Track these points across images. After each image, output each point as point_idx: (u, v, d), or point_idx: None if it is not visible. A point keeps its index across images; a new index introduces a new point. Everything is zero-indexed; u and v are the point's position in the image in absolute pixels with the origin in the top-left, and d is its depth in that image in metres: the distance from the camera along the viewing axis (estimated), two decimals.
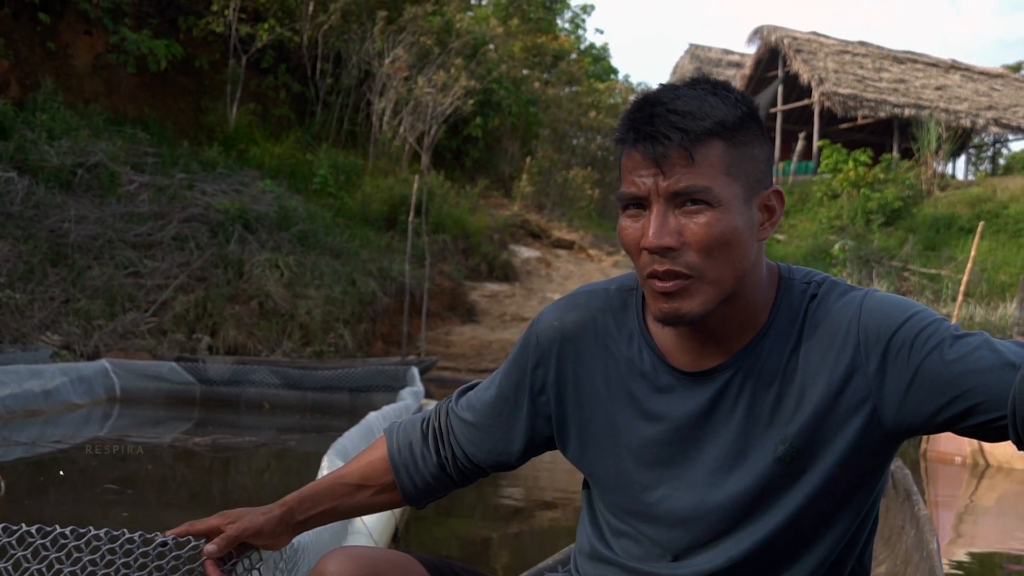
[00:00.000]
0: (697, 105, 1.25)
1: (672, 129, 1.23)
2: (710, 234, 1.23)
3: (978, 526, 6.15)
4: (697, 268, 1.24)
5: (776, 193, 1.31)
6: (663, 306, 1.26)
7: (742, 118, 1.27)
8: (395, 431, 1.56)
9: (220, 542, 1.38)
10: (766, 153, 1.31)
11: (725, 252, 1.24)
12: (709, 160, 1.24)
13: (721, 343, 1.33)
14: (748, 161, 1.27)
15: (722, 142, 1.25)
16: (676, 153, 1.23)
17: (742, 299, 1.30)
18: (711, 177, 1.24)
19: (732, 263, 1.26)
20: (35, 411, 7.93)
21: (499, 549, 4.63)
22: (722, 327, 1.32)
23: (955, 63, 28.25)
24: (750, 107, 1.29)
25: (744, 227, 1.26)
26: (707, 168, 1.24)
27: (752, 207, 1.28)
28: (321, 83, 18.83)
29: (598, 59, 28.84)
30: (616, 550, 1.41)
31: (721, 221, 1.23)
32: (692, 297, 1.25)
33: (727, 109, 1.26)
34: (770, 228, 1.31)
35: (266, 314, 12.93)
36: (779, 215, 1.32)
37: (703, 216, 1.23)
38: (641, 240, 1.26)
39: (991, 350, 1.22)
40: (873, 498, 1.37)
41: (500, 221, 18.40)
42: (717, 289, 1.26)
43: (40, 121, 13.98)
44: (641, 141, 1.25)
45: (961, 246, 19.14)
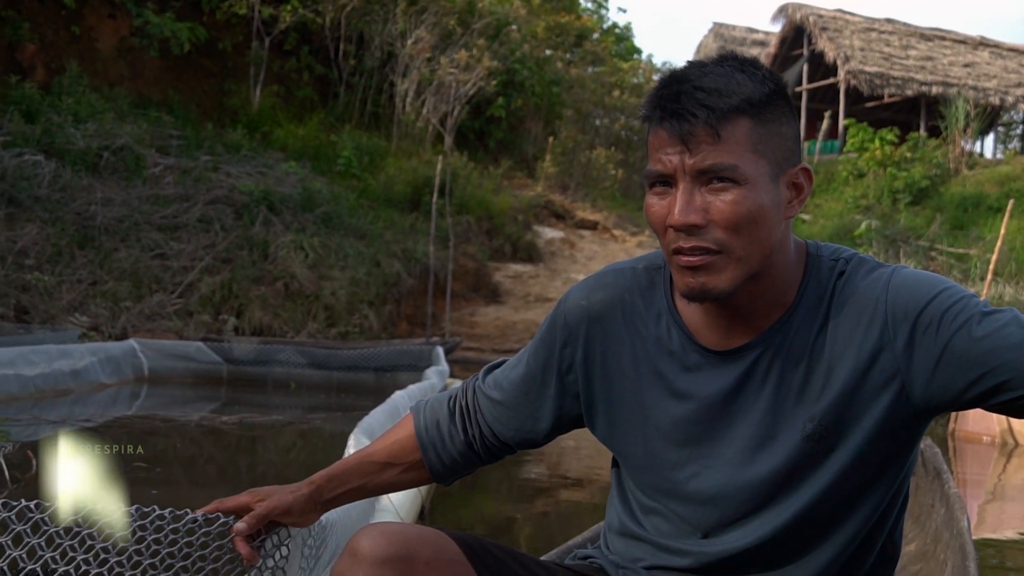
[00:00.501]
0: (724, 82, 1.24)
1: (698, 106, 1.23)
2: (737, 211, 1.23)
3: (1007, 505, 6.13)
4: (724, 244, 1.24)
5: (804, 171, 1.31)
6: (689, 280, 1.26)
7: (769, 95, 1.27)
8: (422, 410, 1.56)
9: (250, 520, 1.40)
10: (794, 131, 1.30)
11: (752, 229, 1.24)
12: (736, 138, 1.23)
13: (749, 321, 1.33)
14: (775, 138, 1.27)
15: (749, 119, 1.24)
16: (702, 130, 1.23)
17: (769, 277, 1.30)
18: (737, 155, 1.23)
19: (759, 240, 1.25)
20: (64, 391, 8.02)
21: (524, 526, 4.66)
22: (750, 305, 1.31)
23: (984, 40, 27.88)
24: (778, 84, 1.29)
25: (771, 205, 1.26)
26: (733, 145, 1.23)
27: (780, 185, 1.28)
28: (344, 65, 18.83)
29: (621, 39, 28.66)
30: (647, 527, 1.42)
31: (748, 198, 1.23)
32: (719, 273, 1.25)
33: (754, 86, 1.26)
34: (798, 206, 1.31)
35: (291, 295, 13.00)
36: (807, 193, 1.31)
37: (729, 194, 1.23)
38: (667, 217, 1.25)
39: (1020, 327, 1.22)
40: (903, 476, 1.37)
41: (524, 202, 18.37)
42: (744, 266, 1.26)
43: (66, 105, 14.07)
44: (667, 119, 1.25)
45: (990, 225, 18.93)
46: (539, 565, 1.40)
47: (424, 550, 1.27)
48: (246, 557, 1.40)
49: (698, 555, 1.36)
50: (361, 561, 1.25)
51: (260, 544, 1.42)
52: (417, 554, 1.27)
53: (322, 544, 1.58)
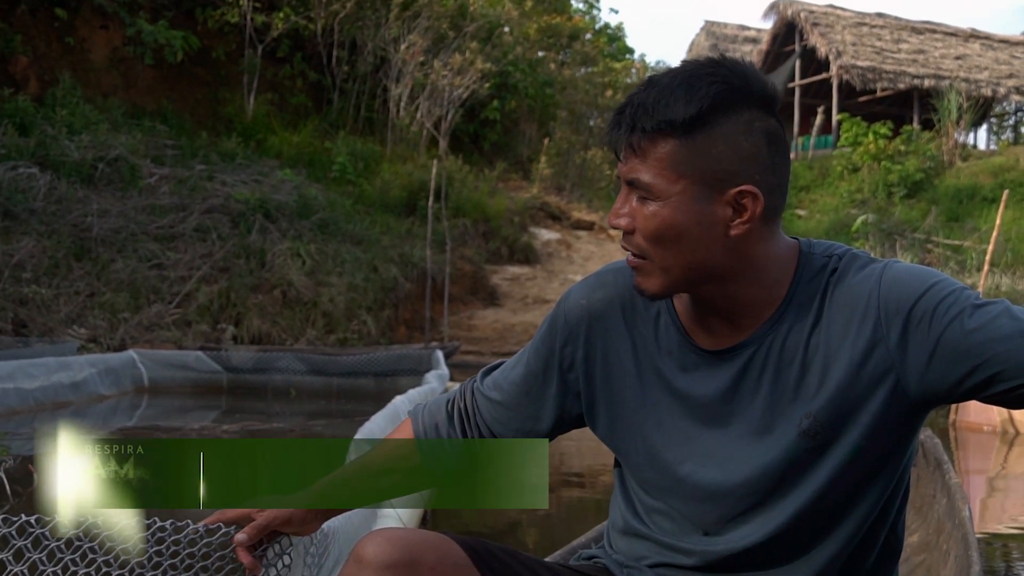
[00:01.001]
0: (656, 100, 1.26)
1: (627, 121, 1.28)
2: (649, 226, 1.28)
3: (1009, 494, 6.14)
4: (644, 252, 1.30)
5: (749, 193, 1.27)
6: (634, 278, 1.34)
7: (700, 115, 1.25)
8: (420, 413, 1.56)
9: (250, 530, 1.40)
10: (734, 151, 1.27)
11: (668, 244, 1.28)
12: (656, 155, 1.27)
13: (737, 322, 1.34)
14: (705, 159, 1.26)
15: (673, 139, 1.26)
16: (627, 145, 1.29)
17: (738, 283, 1.31)
18: (655, 172, 1.27)
19: (680, 255, 1.28)
20: (64, 403, 8.02)
21: (528, 528, 4.66)
22: (730, 307, 1.33)
23: (974, 32, 27.94)
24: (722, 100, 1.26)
25: (691, 223, 1.26)
26: (654, 163, 1.27)
27: (712, 204, 1.27)
28: (337, 71, 18.84)
29: (613, 39, 28.69)
30: (650, 525, 1.42)
31: (659, 215, 1.27)
32: (648, 277, 1.32)
33: (683, 107, 1.25)
34: (743, 226, 1.28)
35: (289, 303, 13.00)
36: (753, 214, 1.27)
37: (648, 207, 1.28)
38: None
39: (1011, 318, 1.22)
40: (902, 468, 1.37)
41: (519, 204, 18.38)
42: (669, 276, 1.30)
43: (60, 116, 14.06)
44: (611, 128, 1.31)
45: (985, 216, 18.97)
46: (543, 566, 1.41)
47: (429, 555, 1.28)
48: (248, 567, 1.40)
49: (702, 553, 1.37)
50: (367, 567, 1.25)
51: (262, 554, 1.42)
52: (422, 559, 1.27)
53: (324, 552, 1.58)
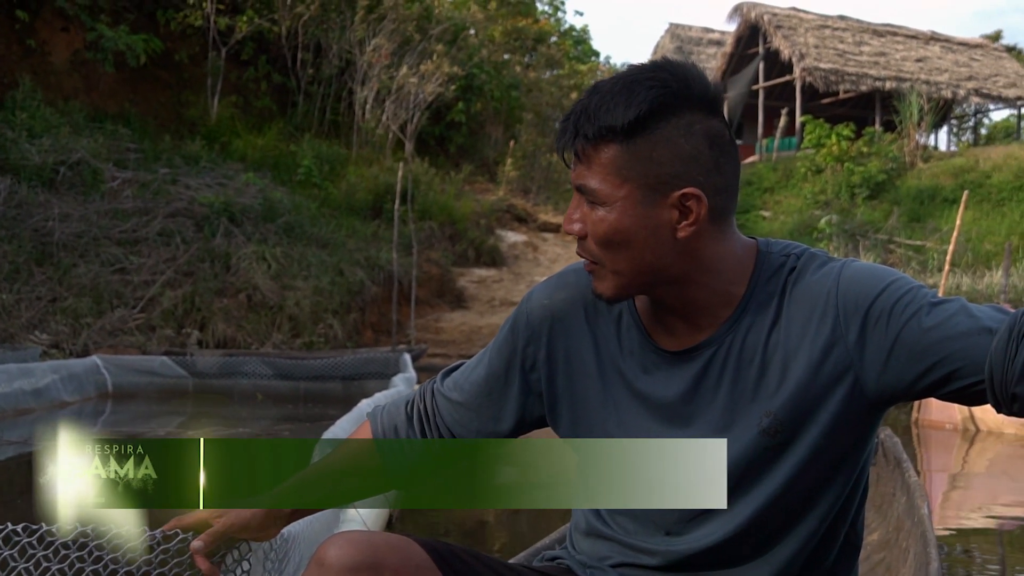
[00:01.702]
0: (597, 105, 1.28)
1: (571, 127, 1.30)
2: (597, 230, 1.29)
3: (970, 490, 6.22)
4: (596, 257, 1.31)
5: (692, 195, 1.28)
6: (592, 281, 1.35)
7: (640, 119, 1.25)
8: (379, 415, 1.55)
9: (206, 538, 1.38)
10: (675, 153, 1.27)
11: (618, 248, 1.29)
12: (600, 162, 1.28)
13: (695, 322, 1.34)
14: (645, 163, 1.26)
15: (615, 144, 1.27)
16: (575, 151, 1.30)
17: (694, 284, 1.32)
18: (600, 178, 1.28)
19: (630, 259, 1.30)
20: (26, 410, 7.92)
21: (496, 530, 4.66)
22: (687, 308, 1.34)
23: (935, 35, 28.29)
24: (661, 105, 1.26)
25: (638, 227, 1.27)
26: (598, 169, 1.28)
27: (657, 207, 1.27)
28: (302, 73, 18.75)
29: (579, 41, 28.77)
30: (612, 526, 1.43)
31: (606, 220, 1.28)
32: (602, 281, 1.33)
33: (623, 112, 1.25)
34: (688, 228, 1.28)
35: (254, 307, 12.91)
36: (699, 215, 1.28)
37: (597, 212, 1.29)
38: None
39: (968, 316, 1.23)
40: (862, 466, 1.38)
41: (486, 206, 18.38)
42: (621, 279, 1.32)
43: (20, 120, 13.89)
44: (558, 135, 1.33)
45: (946, 217, 19.20)
46: (507, 568, 1.41)
47: (391, 557, 1.27)
48: (207, 573, 1.38)
49: (665, 553, 1.37)
50: (328, 570, 1.24)
51: (220, 560, 1.41)
52: (385, 561, 1.26)
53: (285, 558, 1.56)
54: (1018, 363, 1.17)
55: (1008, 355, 1.18)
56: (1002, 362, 1.18)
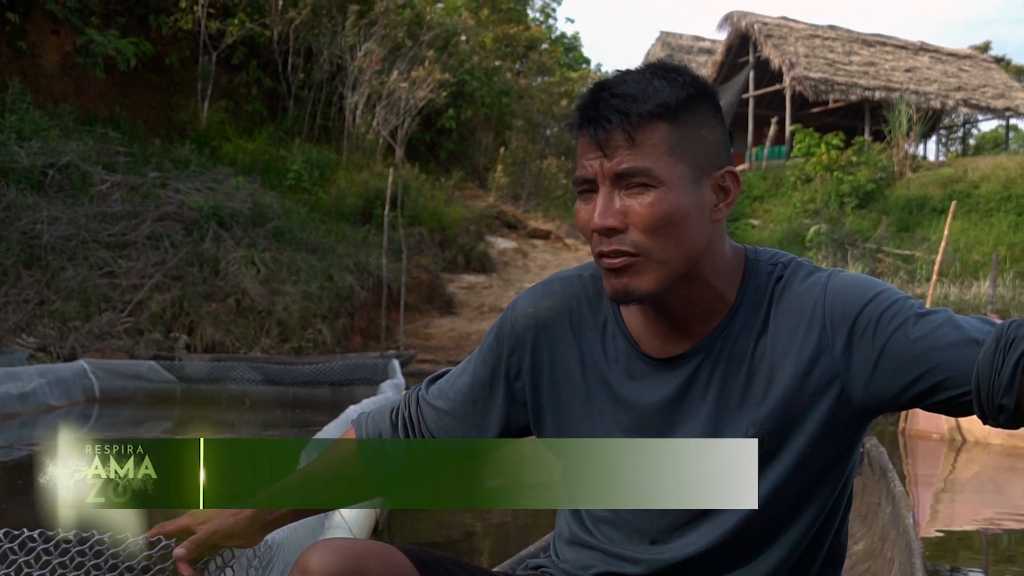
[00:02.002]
0: (640, 88, 1.27)
1: (613, 112, 1.26)
2: (653, 214, 1.25)
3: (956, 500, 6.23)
4: (642, 247, 1.26)
5: (730, 174, 1.32)
6: (614, 282, 1.29)
7: (687, 99, 1.28)
8: (364, 422, 1.54)
9: (189, 545, 1.37)
10: (718, 134, 1.32)
11: (671, 232, 1.26)
12: (652, 141, 1.26)
13: (687, 328, 1.34)
14: (695, 142, 1.28)
15: (665, 123, 1.26)
16: (618, 135, 1.26)
17: (702, 281, 1.32)
18: (653, 158, 1.26)
19: (680, 243, 1.27)
20: (11, 414, 7.88)
21: (483, 538, 4.65)
22: (686, 310, 1.33)
23: (924, 45, 28.42)
24: (698, 88, 1.31)
25: (691, 207, 1.27)
26: (650, 149, 1.26)
27: (703, 188, 1.29)
28: (293, 78, 18.73)
29: (570, 48, 28.82)
30: (596, 535, 1.42)
31: (664, 201, 1.25)
32: (641, 275, 1.27)
33: (671, 91, 1.28)
34: (725, 209, 1.32)
35: (243, 311, 12.88)
36: (735, 195, 1.32)
37: (646, 196, 1.26)
38: (590, 222, 1.28)
39: (954, 327, 1.23)
40: (847, 476, 1.39)
41: (476, 212, 18.38)
42: (665, 269, 1.27)
43: (9, 122, 13.85)
44: (586, 125, 1.28)
45: (934, 227, 19.28)
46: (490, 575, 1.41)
47: (374, 565, 1.26)
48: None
49: (649, 562, 1.37)
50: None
51: (203, 566, 1.41)
52: (367, 569, 1.25)
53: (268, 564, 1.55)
54: (1005, 374, 1.17)
55: (995, 366, 1.18)
56: (989, 373, 1.18)
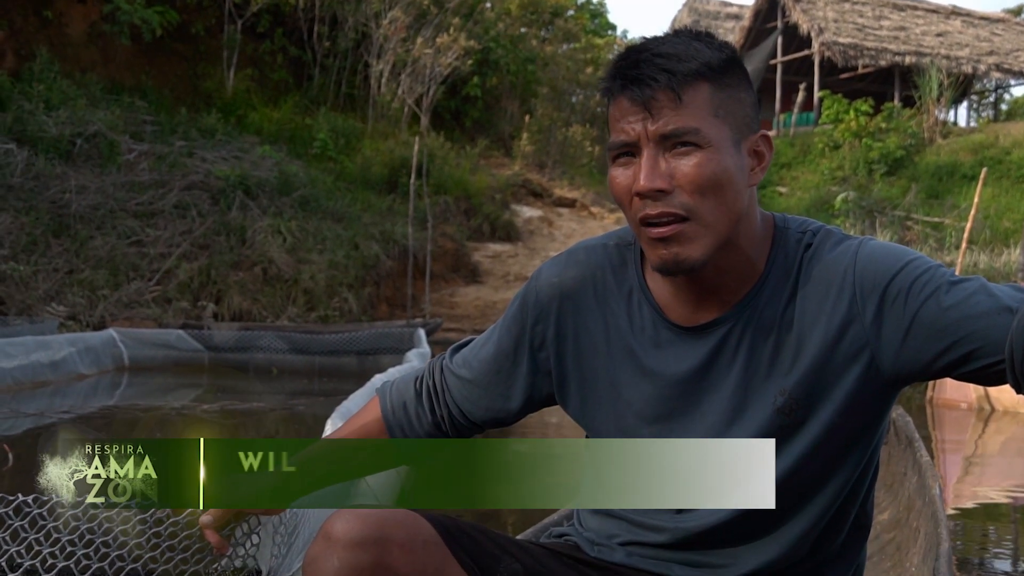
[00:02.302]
0: (682, 49, 1.26)
1: (659, 71, 1.24)
2: (702, 174, 1.23)
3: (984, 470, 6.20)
4: (691, 209, 1.24)
5: (764, 138, 1.31)
6: (662, 252, 1.26)
7: (726, 61, 1.28)
8: (388, 391, 1.55)
9: (215, 512, 1.39)
10: (752, 98, 1.31)
11: (718, 193, 1.24)
12: (696, 102, 1.24)
13: (718, 295, 1.33)
14: (735, 104, 1.28)
15: (708, 84, 1.25)
16: (664, 95, 1.24)
17: (737, 248, 1.30)
18: (699, 118, 1.24)
19: (726, 205, 1.26)
20: (43, 382, 7.97)
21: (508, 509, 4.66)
22: (719, 278, 1.31)
23: (955, 9, 27.96)
24: (733, 52, 1.30)
25: (735, 169, 1.26)
26: (695, 109, 1.24)
27: (741, 151, 1.28)
28: (318, 46, 18.70)
29: (596, 15, 28.57)
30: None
31: (712, 161, 1.24)
32: (691, 242, 1.25)
33: (711, 52, 1.27)
34: (760, 173, 1.31)
35: (270, 280, 12.95)
36: (768, 160, 1.32)
37: (693, 157, 1.24)
38: (633, 186, 1.26)
39: (988, 295, 1.21)
40: (874, 446, 1.37)
41: (501, 181, 18.34)
42: (713, 233, 1.26)
43: (37, 91, 13.92)
44: (628, 86, 1.25)
45: (964, 194, 19.05)
46: (514, 544, 1.41)
47: (398, 531, 1.27)
48: (216, 546, 1.39)
49: (673, 531, 1.37)
50: (335, 544, 1.24)
51: (230, 533, 1.42)
52: (391, 535, 1.26)
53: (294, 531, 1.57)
54: None
55: None
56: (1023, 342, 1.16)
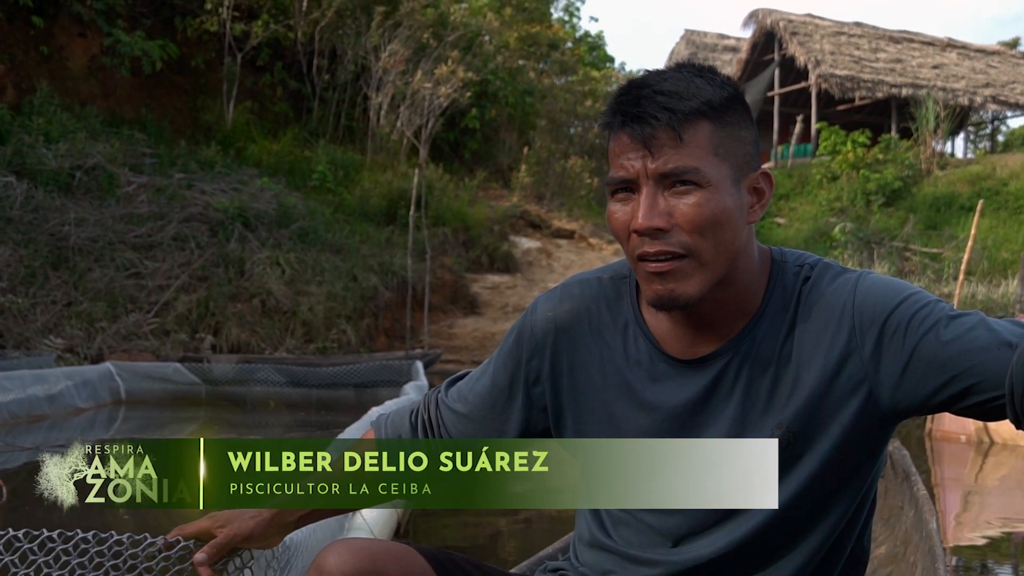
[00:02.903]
0: (684, 86, 1.25)
1: (660, 110, 1.23)
2: (700, 214, 1.23)
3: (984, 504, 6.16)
4: (689, 248, 1.24)
5: (764, 175, 1.31)
6: (658, 288, 1.26)
7: (728, 99, 1.27)
8: (383, 424, 1.54)
9: (209, 550, 1.38)
10: (753, 135, 1.31)
11: (716, 232, 1.24)
12: (697, 140, 1.24)
13: (716, 329, 1.33)
14: (736, 143, 1.27)
15: (709, 123, 1.25)
16: (664, 134, 1.23)
17: (735, 283, 1.30)
18: (699, 158, 1.24)
19: (724, 244, 1.25)
20: (39, 416, 7.94)
21: (508, 540, 4.64)
22: (716, 312, 1.31)
23: (951, 41, 28.16)
24: (736, 89, 1.30)
25: (734, 208, 1.26)
26: (695, 148, 1.24)
27: (741, 189, 1.28)
28: (317, 79, 18.80)
29: (593, 47, 28.76)
30: (615, 538, 1.41)
31: (711, 201, 1.23)
32: (687, 278, 1.25)
33: (713, 90, 1.26)
34: (760, 210, 1.31)
35: (268, 312, 12.94)
36: (768, 197, 1.32)
37: (692, 196, 1.23)
38: (631, 223, 1.25)
39: (987, 329, 1.21)
40: (871, 480, 1.37)
41: (500, 212, 18.38)
42: (711, 270, 1.26)
43: (37, 124, 13.97)
44: (629, 123, 1.25)
45: (962, 225, 19.10)
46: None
47: (391, 565, 1.26)
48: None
49: (667, 564, 1.36)
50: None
51: (222, 567, 1.41)
52: (384, 569, 1.25)
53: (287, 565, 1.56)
54: None
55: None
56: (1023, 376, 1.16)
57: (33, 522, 1.43)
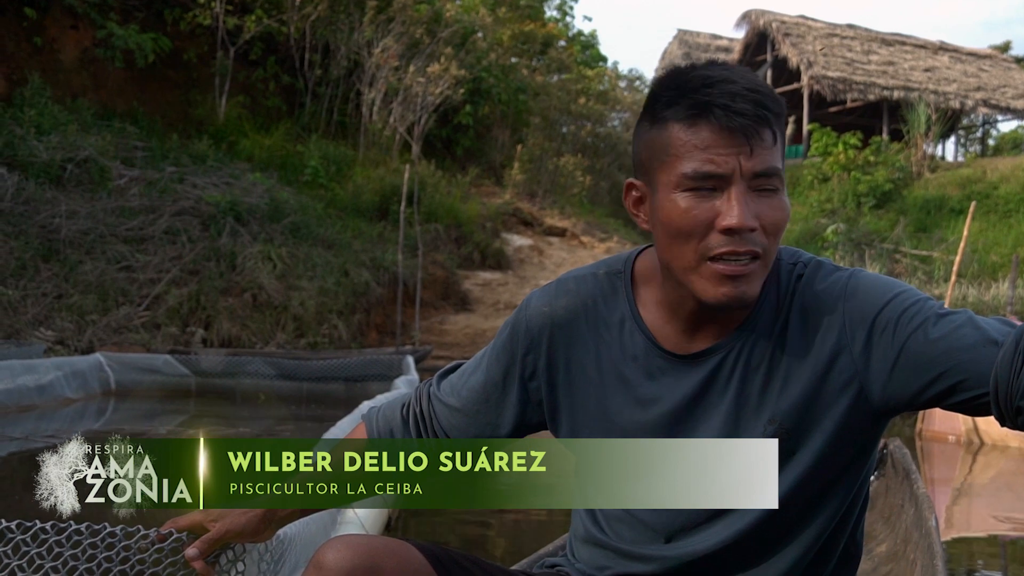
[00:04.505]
0: (768, 88, 1.25)
1: (759, 107, 1.22)
2: (782, 218, 1.25)
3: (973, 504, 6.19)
4: (765, 249, 1.25)
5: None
6: (728, 290, 1.24)
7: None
8: (374, 418, 1.54)
9: (201, 545, 1.38)
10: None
11: (780, 236, 1.27)
12: (780, 143, 1.26)
13: (713, 325, 1.33)
14: (783, 148, 1.31)
15: (782, 127, 1.28)
16: (767, 132, 1.23)
17: None
18: (780, 160, 1.26)
19: (777, 246, 1.29)
20: (29, 406, 7.92)
21: (497, 537, 4.64)
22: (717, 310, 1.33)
23: (943, 44, 28.24)
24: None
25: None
26: (779, 151, 1.26)
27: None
28: (310, 74, 18.76)
29: (587, 46, 28.76)
30: (610, 534, 1.42)
31: (786, 205, 1.26)
32: (755, 280, 1.26)
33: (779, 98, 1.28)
34: None
35: (259, 306, 12.92)
36: None
37: (775, 199, 1.25)
38: (716, 220, 1.23)
39: (974, 328, 1.23)
40: (863, 475, 1.38)
41: (492, 209, 18.37)
42: (767, 271, 1.28)
43: (28, 117, 13.91)
44: (725, 116, 1.21)
45: (952, 227, 19.17)
46: (506, 574, 1.40)
47: (389, 561, 1.26)
48: (201, 574, 1.39)
49: (662, 560, 1.37)
50: (327, 573, 1.24)
51: (215, 560, 1.41)
52: (383, 565, 1.25)
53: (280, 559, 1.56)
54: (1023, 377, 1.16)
55: (1014, 368, 1.17)
56: (1007, 375, 1.17)
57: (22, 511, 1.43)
